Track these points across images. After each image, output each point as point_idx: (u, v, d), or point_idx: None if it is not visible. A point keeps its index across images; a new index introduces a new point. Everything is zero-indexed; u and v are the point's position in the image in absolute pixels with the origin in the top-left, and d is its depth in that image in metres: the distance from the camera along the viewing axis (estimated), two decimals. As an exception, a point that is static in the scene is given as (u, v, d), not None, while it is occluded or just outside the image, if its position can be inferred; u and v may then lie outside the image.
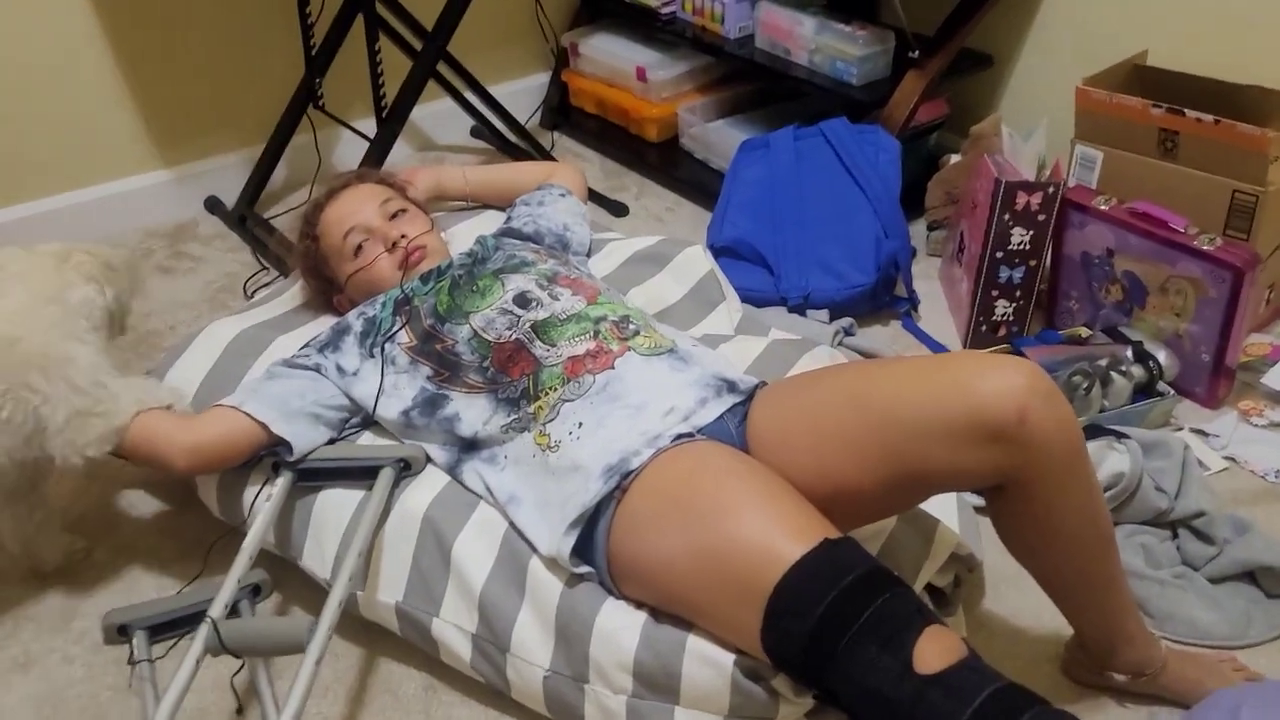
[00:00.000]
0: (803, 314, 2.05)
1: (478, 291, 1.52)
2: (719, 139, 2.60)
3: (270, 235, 2.38)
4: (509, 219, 1.85)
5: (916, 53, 2.24)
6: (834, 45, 2.33)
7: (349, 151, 2.60)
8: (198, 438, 1.41)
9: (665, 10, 2.67)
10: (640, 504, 1.25)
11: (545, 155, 2.61)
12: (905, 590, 1.12)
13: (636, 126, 2.77)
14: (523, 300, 1.50)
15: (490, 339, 1.46)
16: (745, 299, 1.96)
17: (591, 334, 1.44)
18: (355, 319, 1.58)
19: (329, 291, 1.73)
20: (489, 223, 1.92)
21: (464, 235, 1.87)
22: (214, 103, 2.49)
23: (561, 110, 2.94)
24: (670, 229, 2.49)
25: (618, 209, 2.55)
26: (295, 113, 2.44)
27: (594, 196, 2.52)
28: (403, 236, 1.63)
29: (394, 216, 1.67)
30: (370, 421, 1.54)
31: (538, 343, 1.44)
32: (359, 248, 1.65)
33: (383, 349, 1.52)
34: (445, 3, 2.16)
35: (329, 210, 1.70)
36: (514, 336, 1.45)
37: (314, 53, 2.40)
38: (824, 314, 2.04)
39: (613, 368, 1.39)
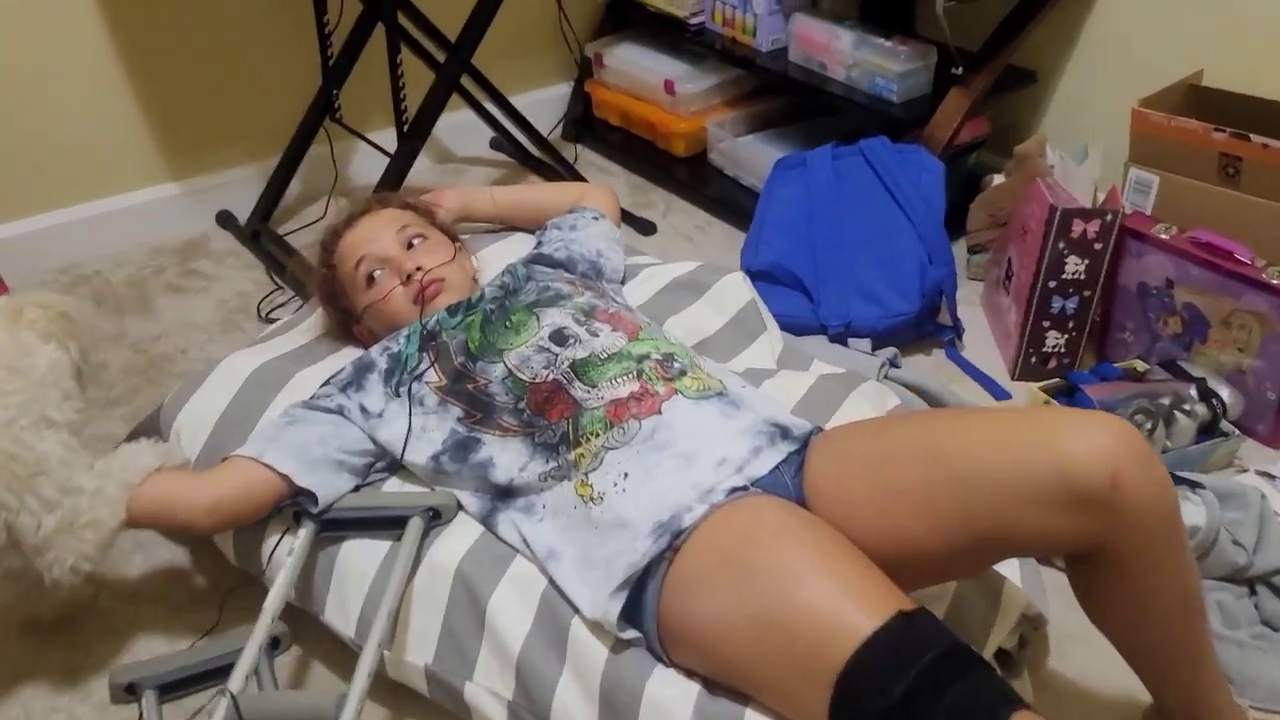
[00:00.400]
0: (844, 343, 1.95)
1: (511, 327, 1.43)
2: (749, 155, 2.51)
3: (285, 253, 2.29)
4: (539, 243, 1.76)
5: (960, 69, 2.15)
6: (873, 60, 2.24)
7: (366, 164, 2.51)
8: (217, 493, 1.32)
9: (694, 21, 2.58)
10: (694, 565, 1.16)
11: (567, 168, 2.52)
12: (987, 670, 1.03)
13: (663, 141, 2.68)
14: (560, 337, 1.41)
15: (526, 379, 1.37)
16: (783, 325, 1.87)
17: (634, 374, 1.35)
18: (379, 355, 1.49)
19: (348, 322, 1.64)
20: (519, 245, 1.83)
21: (494, 258, 1.78)
22: (226, 114, 2.40)
23: (584, 122, 2.85)
24: (700, 249, 2.40)
25: (645, 227, 2.46)
26: (311, 125, 2.36)
27: (625, 217, 2.43)
28: (418, 269, 1.53)
29: (412, 244, 1.58)
30: (397, 465, 1.45)
31: (577, 384, 1.35)
32: (372, 278, 1.56)
33: (409, 389, 1.43)
34: (469, 14, 2.07)
35: (346, 237, 1.61)
36: (551, 376, 1.36)
37: (331, 63, 2.31)
38: (866, 343, 1.95)
39: (660, 412, 1.30)
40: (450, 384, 1.42)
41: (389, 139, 2.31)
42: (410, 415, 1.41)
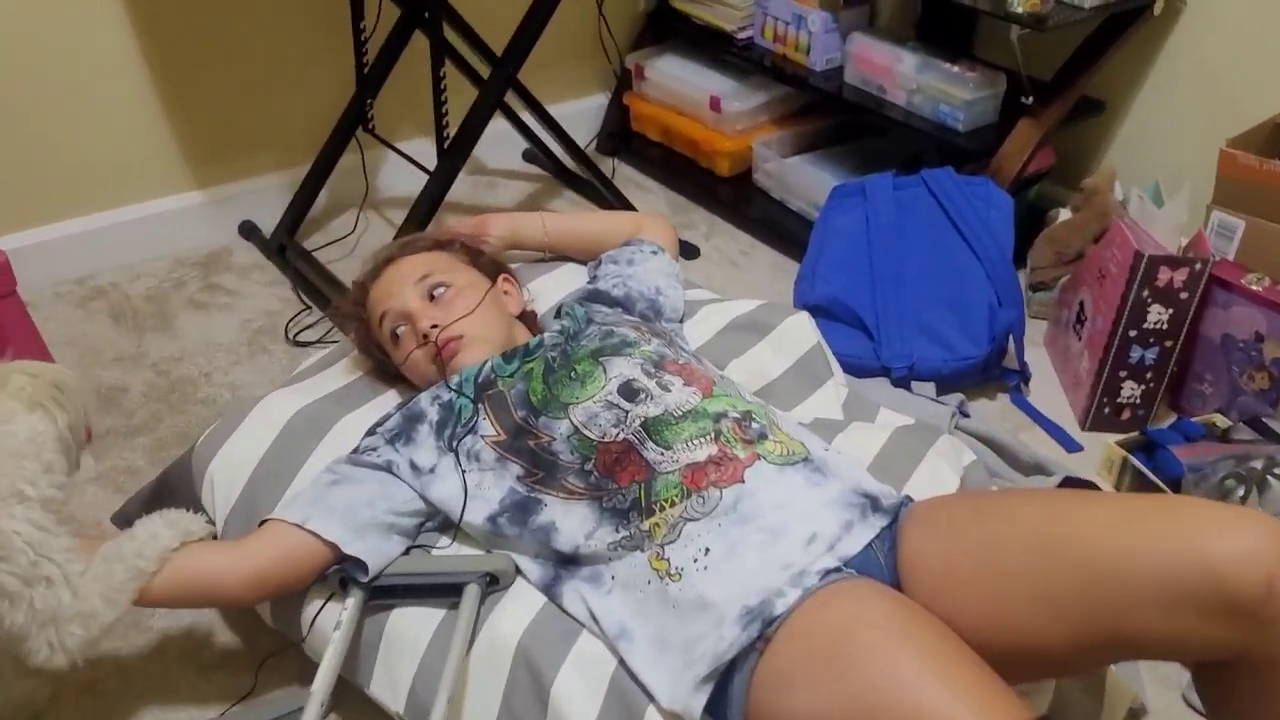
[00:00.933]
0: (908, 387, 1.85)
1: (576, 379, 1.33)
2: (797, 177, 2.40)
3: (311, 269, 2.18)
4: (594, 278, 1.65)
5: (1031, 99, 2.04)
6: (938, 86, 2.13)
7: (398, 176, 2.40)
8: (257, 564, 1.21)
9: (742, 35, 2.48)
10: (788, 659, 1.06)
11: (605, 184, 2.41)
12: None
13: (706, 159, 2.57)
14: (629, 391, 1.30)
15: (594, 438, 1.26)
16: (843, 365, 1.77)
17: (712, 435, 1.25)
18: (429, 404, 1.38)
19: (389, 369, 1.53)
20: (573, 276, 1.72)
21: (547, 290, 1.67)
22: (253, 120, 2.29)
23: (621, 136, 2.74)
24: (746, 274, 2.30)
25: (688, 250, 2.36)
26: (342, 134, 2.24)
27: (663, 236, 2.32)
28: (434, 327, 1.41)
29: (435, 295, 1.44)
30: (450, 522, 1.34)
31: (650, 444, 1.24)
32: (396, 336, 1.45)
33: (460, 444, 1.32)
34: (518, 26, 1.96)
35: (372, 292, 1.50)
36: (622, 436, 1.26)
37: (366, 71, 2.20)
38: (930, 388, 1.85)
39: (742, 481, 1.20)
40: (510, 440, 1.31)
41: (420, 150, 2.20)
42: (464, 480, 1.31)
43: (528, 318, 1.56)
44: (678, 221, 2.48)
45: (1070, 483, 1.60)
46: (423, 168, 2.08)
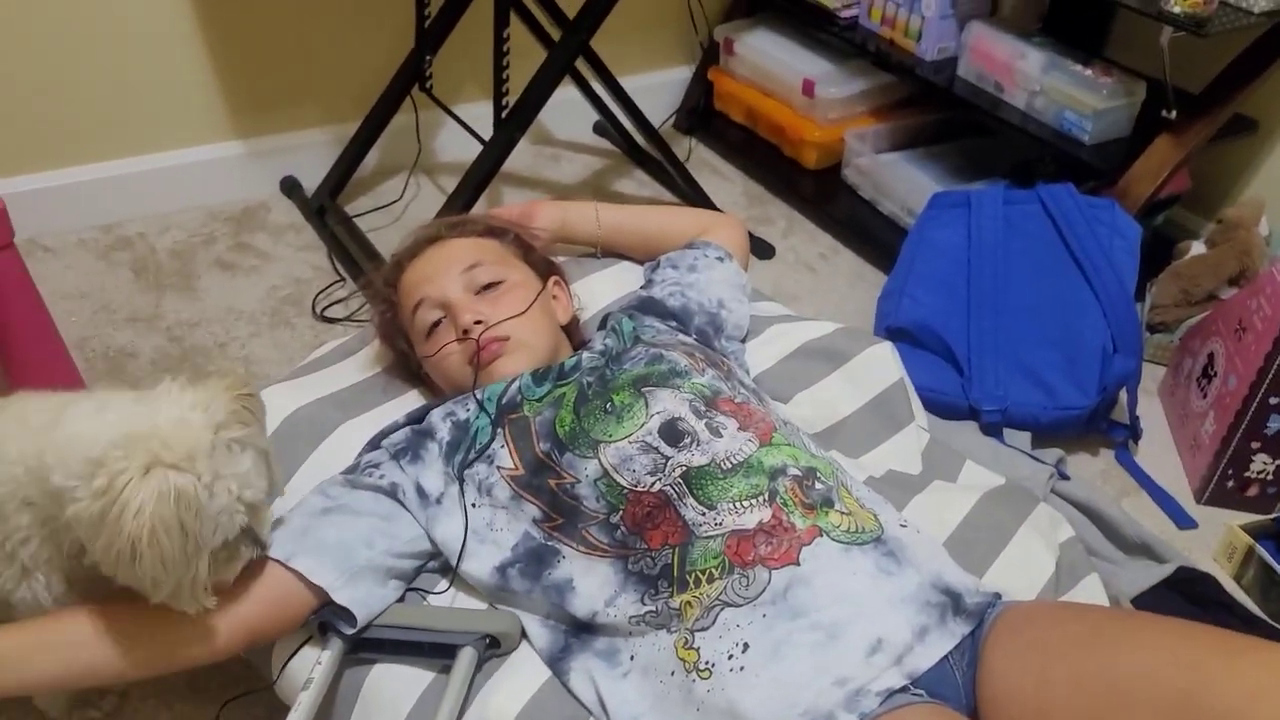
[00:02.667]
0: (998, 434, 1.62)
1: (612, 412, 1.12)
2: (891, 177, 2.16)
3: (350, 236, 2.00)
4: (649, 283, 1.44)
5: (1174, 113, 1.77)
6: (1065, 90, 1.87)
7: (454, 141, 2.21)
8: (235, 617, 1.03)
9: (846, 14, 2.22)
10: (833, 805, 0.86)
11: (676, 166, 2.18)
12: None
13: (792, 148, 2.33)
14: (672, 433, 1.09)
15: (625, 485, 1.06)
16: (925, 400, 1.54)
17: (765, 497, 1.04)
18: (442, 420, 1.19)
19: (409, 364, 1.34)
20: (632, 275, 1.51)
21: (602, 290, 1.47)
22: (302, 69, 2.11)
23: (702, 114, 2.51)
24: (824, 282, 2.07)
25: (762, 249, 2.13)
26: (398, 92, 2.06)
27: (736, 231, 2.09)
28: (477, 323, 1.21)
29: (482, 289, 1.26)
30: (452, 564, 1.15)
31: (690, 501, 1.04)
32: (431, 327, 1.25)
33: (467, 473, 1.13)
34: (595, -13, 1.75)
35: (409, 272, 1.30)
36: (658, 486, 1.05)
37: (427, 25, 2.00)
38: (1025, 438, 1.61)
39: (797, 563, 0.99)
40: (529, 475, 1.11)
41: (481, 115, 2.00)
42: (466, 510, 1.12)
43: (572, 328, 1.36)
44: (754, 215, 2.25)
45: (1185, 575, 1.37)
46: (478, 136, 1.88)
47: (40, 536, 0.98)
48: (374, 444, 1.20)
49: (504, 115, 1.83)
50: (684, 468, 1.06)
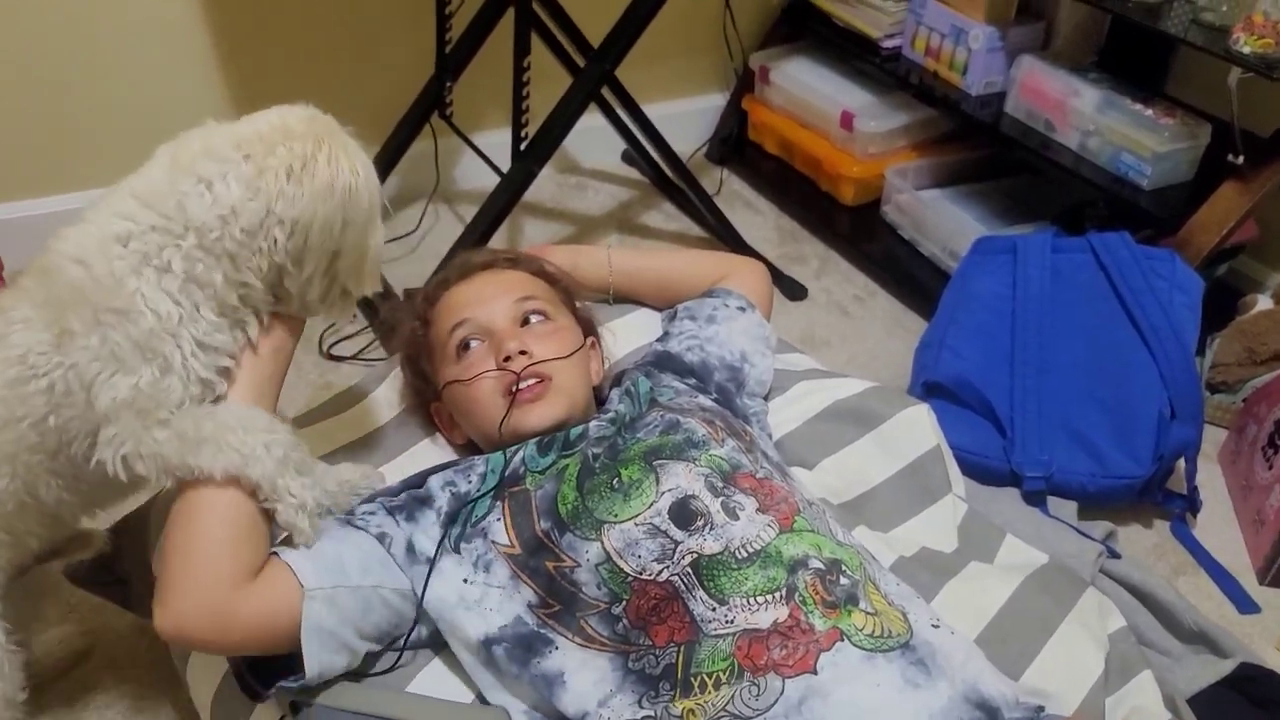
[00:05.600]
0: (1042, 503, 1.49)
1: (619, 490, 1.02)
2: (933, 216, 2.05)
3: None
4: (667, 334, 1.34)
5: (1241, 158, 1.65)
6: (1122, 130, 1.75)
7: (475, 169, 2.12)
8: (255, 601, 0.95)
9: (888, 44, 2.12)
10: None
11: (703, 199, 2.08)
12: None
13: (829, 182, 2.23)
14: (684, 513, 0.99)
15: (630, 572, 0.96)
16: (963, 462, 1.42)
17: (783, 593, 0.93)
18: (441, 489, 1.09)
19: (426, 393, 1.25)
20: (647, 324, 1.41)
21: (628, 334, 1.37)
22: (320, 94, 1.96)
23: (735, 144, 2.41)
24: (858, 326, 1.96)
25: (793, 289, 2.03)
26: (416, 119, 1.99)
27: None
28: (522, 353, 1.14)
29: (529, 321, 1.18)
30: (440, 641, 1.05)
31: (700, 593, 0.94)
32: (465, 348, 1.17)
33: (464, 547, 1.04)
34: (621, 15, 1.66)
35: (454, 291, 1.23)
36: (665, 575, 0.95)
37: (448, 49, 1.92)
38: (1071, 508, 1.49)
39: (814, 671, 0.89)
40: (526, 555, 1.01)
41: (504, 141, 1.92)
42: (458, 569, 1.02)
43: (598, 392, 1.27)
44: (786, 252, 2.15)
45: (1248, 674, 1.24)
46: (496, 169, 1.80)
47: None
48: (369, 499, 1.11)
49: (523, 147, 1.75)
50: (694, 555, 0.96)
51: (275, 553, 0.99)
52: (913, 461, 1.33)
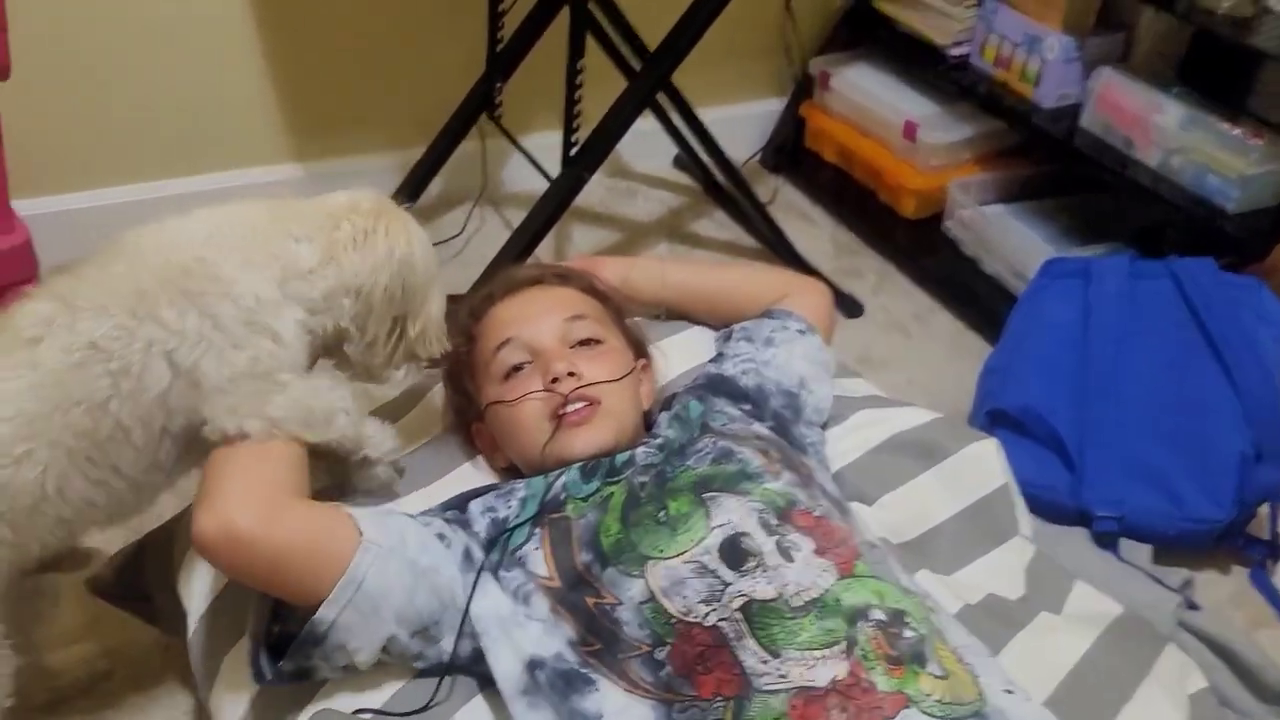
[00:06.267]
0: (1113, 545, 1.41)
1: (666, 523, 0.96)
2: (1000, 233, 1.96)
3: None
4: (721, 355, 1.27)
5: (1336, 182, 1.55)
6: (1208, 150, 1.65)
7: (523, 170, 2.06)
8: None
9: (955, 52, 2.03)
10: None
11: (757, 208, 2.01)
12: None
13: (889, 194, 2.14)
14: (735, 553, 0.93)
15: (674, 613, 0.90)
16: (1028, 498, 1.33)
17: (843, 646, 0.87)
18: (480, 513, 1.04)
19: (467, 413, 1.20)
20: (700, 343, 1.34)
21: (679, 354, 1.30)
22: (367, 92, 2.00)
23: (791, 152, 2.33)
24: (917, 347, 1.88)
25: (850, 306, 1.95)
26: (465, 119, 1.94)
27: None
28: (570, 375, 1.08)
29: (579, 344, 1.13)
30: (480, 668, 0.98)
31: (750, 642, 0.87)
32: (512, 370, 1.11)
33: (498, 577, 0.98)
34: (679, 18, 1.59)
35: (500, 307, 1.18)
36: (713, 619, 0.89)
37: (499, 49, 1.86)
38: (1145, 552, 1.40)
39: (876, 737, 0.81)
40: (565, 589, 0.95)
41: (554, 144, 1.86)
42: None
43: (647, 416, 1.20)
44: (842, 266, 2.07)
45: (1339, 744, 1.15)
46: (545, 174, 1.74)
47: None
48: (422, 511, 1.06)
49: (573, 153, 1.68)
50: (745, 599, 0.89)
51: (339, 505, 0.97)
52: (978, 500, 1.25)
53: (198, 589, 1.09)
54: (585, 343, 1.13)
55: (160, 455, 0.96)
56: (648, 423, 1.18)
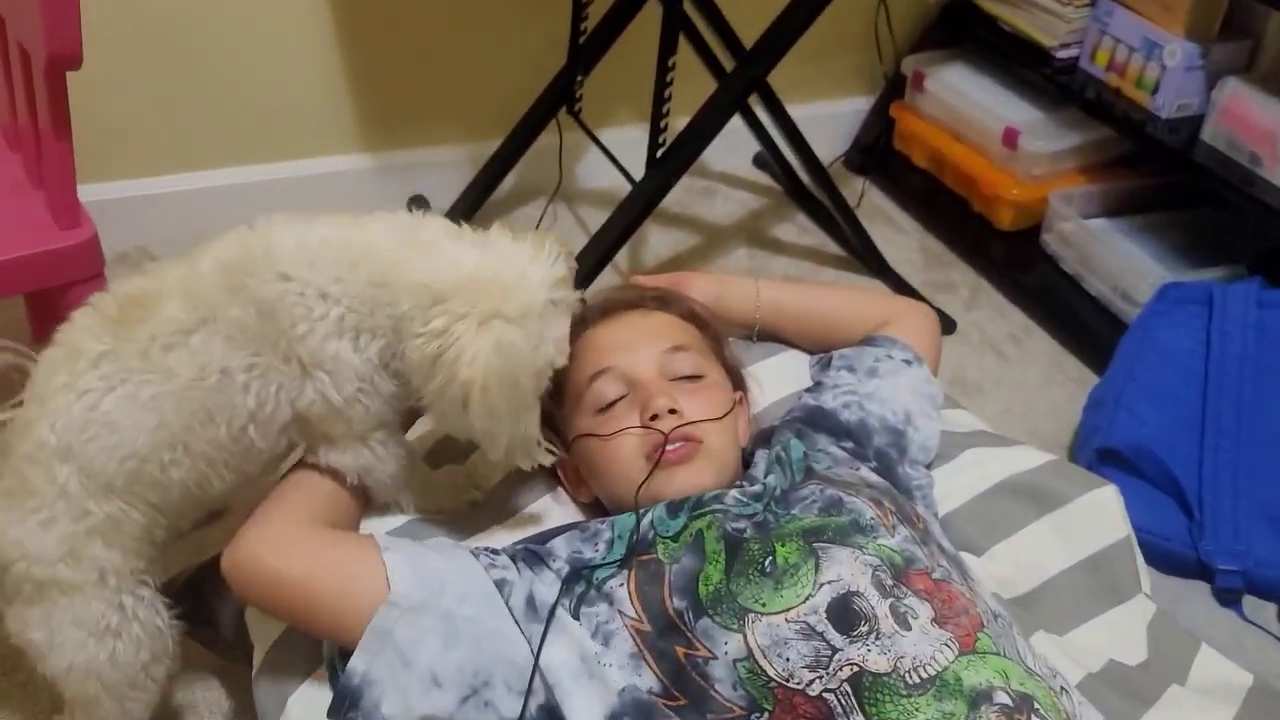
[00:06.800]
0: (1236, 603, 1.30)
1: (771, 574, 0.88)
2: (1102, 249, 1.84)
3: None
4: (819, 385, 1.18)
5: None
6: (1347, 170, 1.52)
7: (601, 166, 1.97)
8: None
9: (1062, 54, 1.91)
10: None
11: (843, 211, 1.90)
12: None
13: (984, 204, 2.03)
14: (845, 615, 0.84)
15: (775, 676, 0.82)
16: (1140, 544, 1.23)
17: (964, 734, 0.77)
18: (564, 546, 0.96)
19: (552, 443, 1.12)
20: (798, 367, 1.25)
21: (774, 381, 1.21)
22: (441, 81, 1.92)
23: (878, 154, 2.23)
24: (1013, 372, 1.77)
25: (941, 322, 1.83)
26: (543, 113, 1.86)
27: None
28: (671, 412, 1.00)
29: (680, 379, 1.04)
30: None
31: (859, 719, 0.78)
32: (608, 403, 1.03)
33: (583, 611, 0.91)
34: (777, 17, 1.49)
35: (595, 332, 1.09)
36: (819, 688, 0.81)
37: (582, 41, 1.78)
38: (1272, 611, 1.29)
39: None
40: (655, 634, 0.88)
41: (633, 140, 1.76)
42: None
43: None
44: (933, 278, 1.96)
45: None
46: (628, 175, 1.65)
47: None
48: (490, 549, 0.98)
49: (660, 154, 1.59)
50: (855, 668, 0.81)
51: (377, 539, 0.92)
52: (1096, 553, 1.15)
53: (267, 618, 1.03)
54: (687, 377, 1.04)
55: (284, 447, 0.98)
56: (744, 460, 1.09)
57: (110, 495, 0.91)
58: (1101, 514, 1.17)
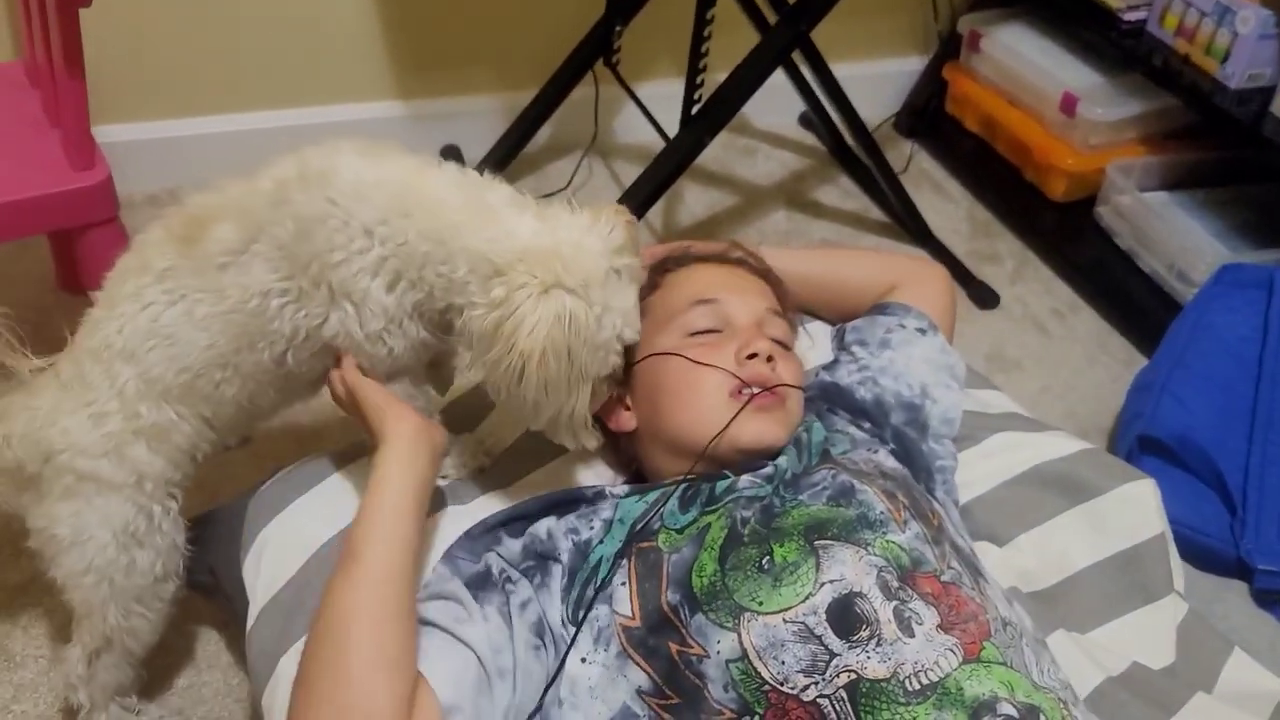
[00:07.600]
0: (1276, 606, 1.23)
1: (769, 571, 0.83)
2: (1160, 224, 1.75)
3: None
4: (835, 363, 1.13)
5: None
6: None
7: (637, 120, 1.92)
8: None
9: (1130, 17, 1.80)
10: None
11: (887, 176, 1.83)
12: None
13: (1036, 172, 1.94)
14: (845, 617, 0.80)
15: (768, 678, 0.78)
16: (1177, 538, 1.16)
17: (966, 748, 0.73)
18: (564, 537, 0.92)
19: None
20: (822, 340, 1.20)
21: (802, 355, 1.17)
22: (477, 29, 1.87)
23: (930, 117, 2.14)
24: (1056, 348, 1.70)
25: (984, 295, 1.77)
26: (580, 64, 1.81)
27: (952, 269, 1.71)
28: (769, 360, 0.98)
29: (774, 340, 1.02)
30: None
31: (854, 728, 0.75)
32: (702, 331, 1.01)
33: (586, 615, 0.87)
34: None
35: (707, 270, 1.08)
36: (813, 694, 0.77)
37: (622, -10, 1.72)
38: (1312, 616, 1.23)
39: None
40: (645, 629, 0.84)
41: (671, 94, 1.70)
42: (561, 660, 0.85)
43: None
44: (978, 249, 1.88)
45: None
46: (663, 132, 1.60)
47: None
48: (494, 537, 0.94)
49: (695, 111, 1.53)
50: (852, 675, 0.77)
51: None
52: (1129, 549, 1.10)
53: (264, 575, 1.01)
54: (779, 341, 1.02)
55: (324, 370, 0.98)
56: None
57: (164, 403, 0.94)
58: (1136, 508, 1.11)
